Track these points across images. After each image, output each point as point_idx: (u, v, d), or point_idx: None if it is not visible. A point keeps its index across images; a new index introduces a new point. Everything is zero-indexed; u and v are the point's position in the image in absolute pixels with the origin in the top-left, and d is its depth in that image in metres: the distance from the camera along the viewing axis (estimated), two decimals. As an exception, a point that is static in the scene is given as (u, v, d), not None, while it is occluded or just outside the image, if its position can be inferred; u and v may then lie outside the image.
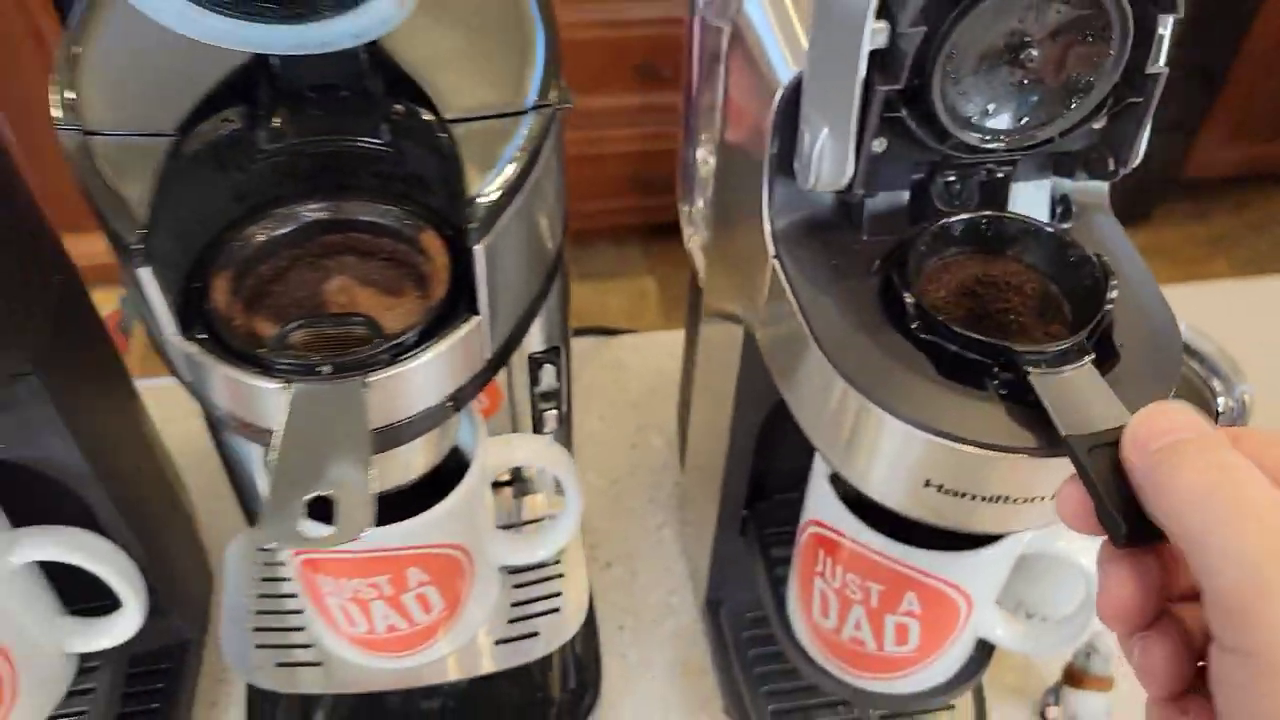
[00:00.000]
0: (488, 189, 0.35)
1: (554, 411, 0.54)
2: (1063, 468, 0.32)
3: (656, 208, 1.80)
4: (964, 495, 0.36)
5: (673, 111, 0.40)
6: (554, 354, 0.51)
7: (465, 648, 0.51)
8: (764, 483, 0.58)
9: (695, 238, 0.55)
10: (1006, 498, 0.36)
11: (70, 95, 0.36)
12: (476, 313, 0.37)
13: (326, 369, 0.34)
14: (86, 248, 0.49)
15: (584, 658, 0.59)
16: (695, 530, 0.65)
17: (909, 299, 0.36)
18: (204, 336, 0.35)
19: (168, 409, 0.63)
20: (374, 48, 0.39)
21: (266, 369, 0.34)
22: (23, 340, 0.43)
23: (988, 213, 0.39)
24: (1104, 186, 0.41)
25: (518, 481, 0.58)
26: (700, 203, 0.54)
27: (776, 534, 0.57)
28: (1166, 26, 0.34)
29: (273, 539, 0.30)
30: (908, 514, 0.39)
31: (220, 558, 0.66)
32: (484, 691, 0.58)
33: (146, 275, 0.34)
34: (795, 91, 0.38)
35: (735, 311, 0.47)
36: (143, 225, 0.33)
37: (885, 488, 0.38)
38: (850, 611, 0.47)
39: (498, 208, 0.35)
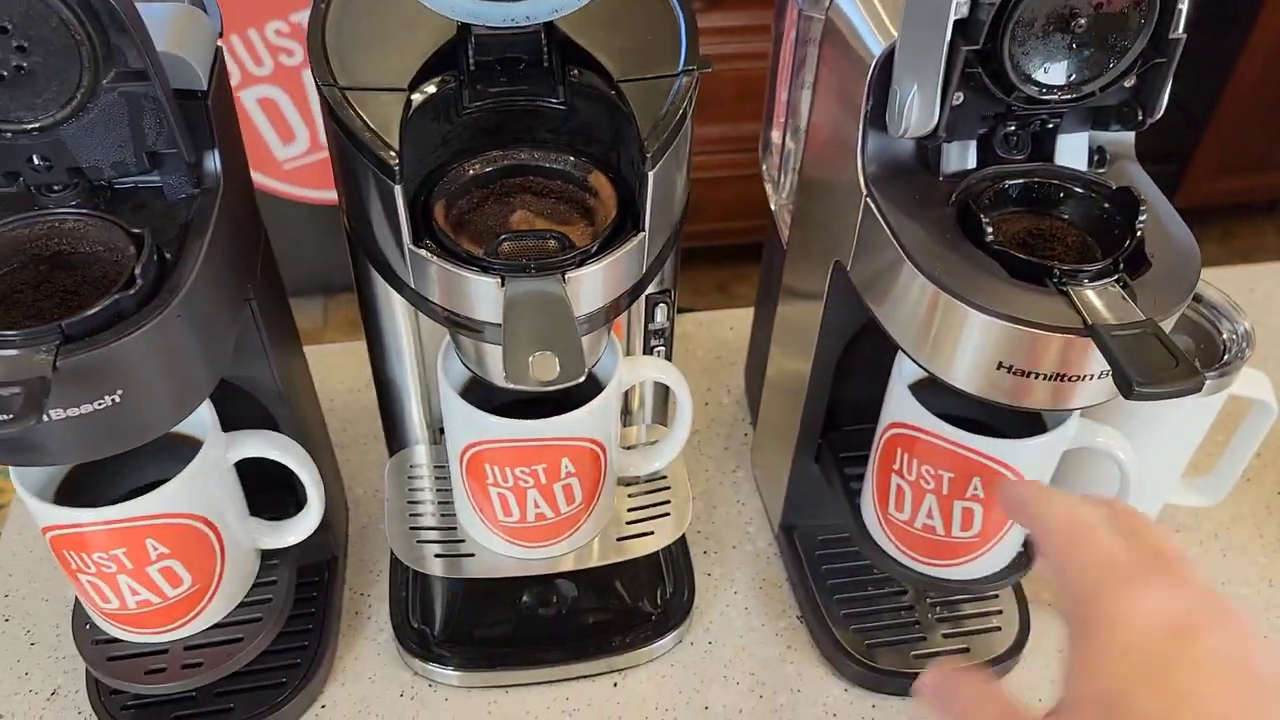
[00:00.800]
0: (657, 129, 0.45)
1: (662, 347, 0.63)
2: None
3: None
4: (1030, 374, 0.46)
5: (696, 143, 0.48)
6: (666, 295, 0.61)
7: (591, 543, 0.60)
8: (833, 416, 0.67)
9: (782, 204, 0.65)
10: (1062, 375, 0.46)
11: (324, 59, 0.46)
12: (641, 229, 0.46)
13: (533, 269, 0.44)
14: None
15: (679, 568, 0.68)
16: (769, 469, 0.74)
17: (985, 220, 0.46)
18: (432, 246, 0.45)
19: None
20: (550, 27, 0.49)
21: (485, 269, 0.44)
22: (249, 272, 0.53)
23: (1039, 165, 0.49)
24: (1130, 138, 0.51)
25: (623, 413, 0.67)
26: (788, 173, 0.63)
27: (846, 457, 0.66)
28: (1185, 1, 0.44)
29: (515, 383, 0.40)
30: (983, 396, 0.48)
31: (355, 493, 0.75)
32: (595, 595, 0.67)
33: (399, 192, 0.43)
34: (887, 60, 0.48)
35: (822, 256, 0.57)
36: (397, 153, 0.43)
37: (965, 375, 0.48)
38: (923, 501, 0.56)
39: (665, 143, 0.45)
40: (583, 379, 0.40)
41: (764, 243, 0.74)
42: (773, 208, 0.67)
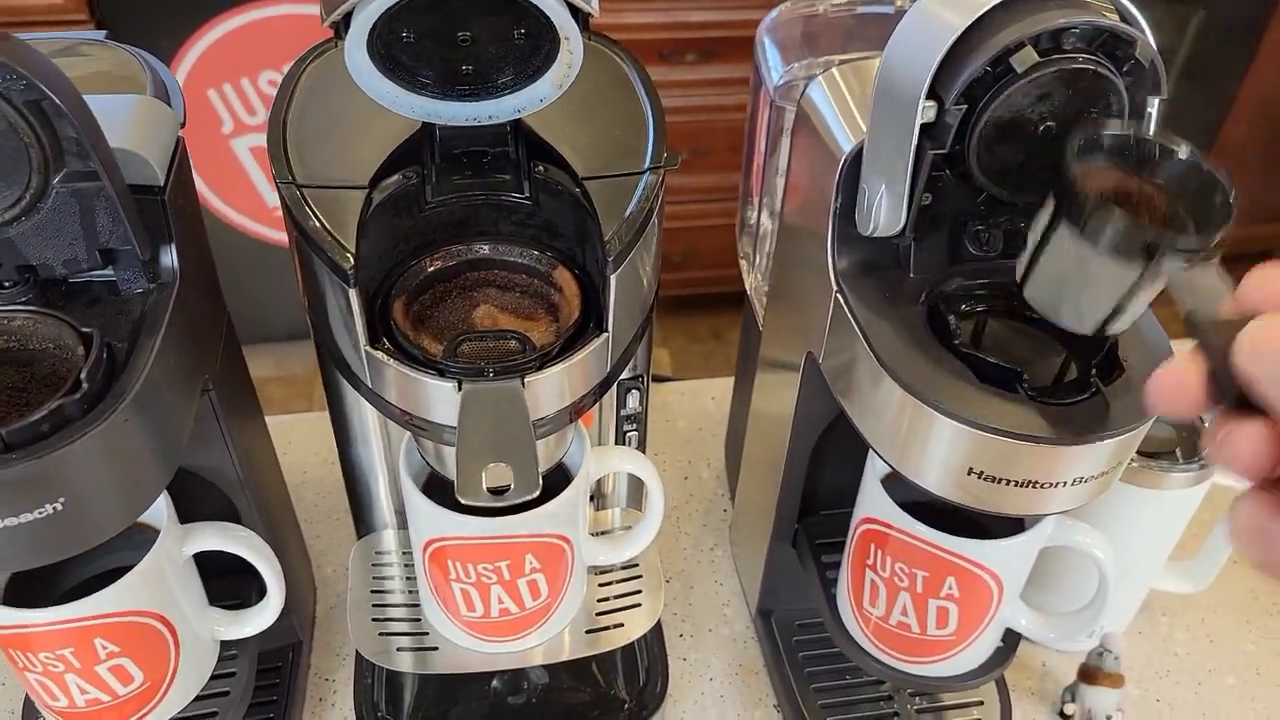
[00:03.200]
0: (621, 230, 0.44)
1: (635, 433, 0.62)
2: (1079, 458, 0.41)
3: (669, 282, 1.92)
4: (1000, 481, 0.45)
5: (688, 192, 0.48)
6: (639, 381, 0.60)
7: (561, 635, 0.58)
8: (810, 501, 0.66)
9: (757, 285, 0.64)
10: (1035, 482, 0.45)
11: (284, 157, 0.45)
12: (605, 330, 0.45)
13: (491, 373, 0.43)
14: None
15: (653, 655, 0.66)
16: (746, 550, 0.72)
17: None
18: (388, 347, 0.44)
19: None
20: (516, 121, 0.48)
21: (442, 373, 0.43)
22: (208, 362, 0.51)
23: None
24: (1105, 235, 0.51)
25: (595, 497, 0.66)
26: (763, 255, 0.63)
27: (823, 544, 0.65)
28: (1154, 106, 0.43)
29: (466, 499, 0.38)
30: (954, 500, 0.47)
31: (324, 571, 0.73)
32: (565, 684, 0.65)
33: (354, 295, 0.42)
34: (856, 158, 0.47)
35: (796, 342, 0.56)
36: (352, 255, 0.42)
37: (935, 478, 0.47)
38: (898, 598, 0.55)
39: (629, 245, 0.44)
40: (536, 493, 0.39)
41: (742, 319, 0.73)
42: (748, 288, 0.66)
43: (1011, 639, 0.59)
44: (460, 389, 0.42)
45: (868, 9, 0.61)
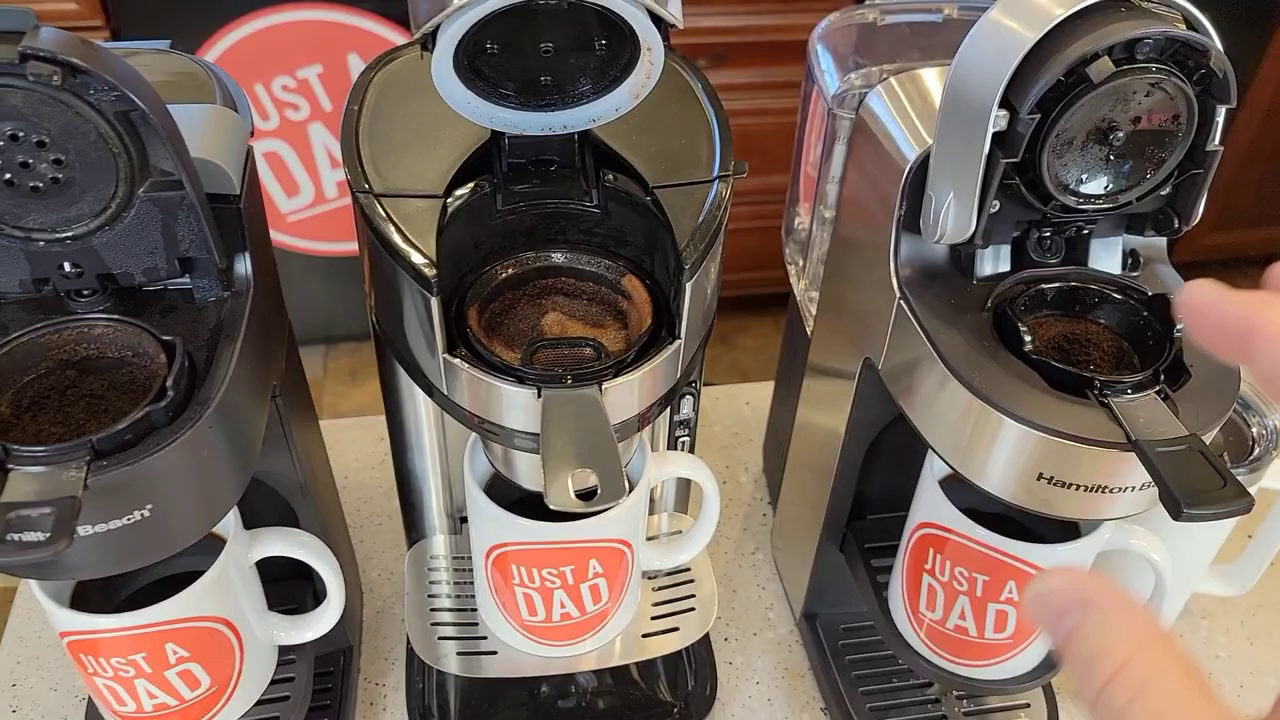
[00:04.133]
0: (695, 238, 0.45)
1: (686, 438, 0.62)
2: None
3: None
4: (1069, 485, 0.45)
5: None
6: (692, 386, 0.60)
7: (617, 640, 0.59)
8: (858, 505, 0.66)
9: (807, 290, 0.65)
10: (1102, 487, 0.45)
11: (359, 167, 0.46)
12: (678, 337, 0.46)
13: (569, 379, 0.43)
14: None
15: (700, 659, 0.67)
16: (791, 554, 0.73)
17: (1024, 328, 0.46)
18: (465, 353, 0.44)
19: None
20: (584, 132, 0.48)
21: (521, 379, 0.43)
22: (275, 369, 0.52)
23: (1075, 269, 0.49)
24: (1163, 242, 0.51)
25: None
26: (812, 260, 0.63)
27: (872, 548, 0.65)
28: (1220, 115, 0.44)
29: (555, 505, 0.39)
30: (1018, 504, 0.47)
31: (369, 576, 0.74)
32: (614, 688, 0.65)
33: (435, 303, 0.43)
34: (921, 166, 0.48)
35: (852, 348, 0.57)
36: (434, 264, 0.43)
37: (1000, 481, 0.47)
38: (956, 601, 0.55)
39: (703, 253, 0.44)
40: (624, 498, 0.39)
41: (785, 322, 0.74)
42: (796, 293, 0.67)
43: (1063, 642, 0.59)
44: (540, 395, 0.43)
45: (917, 17, 0.61)
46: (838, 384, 0.60)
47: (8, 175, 0.41)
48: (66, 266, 0.44)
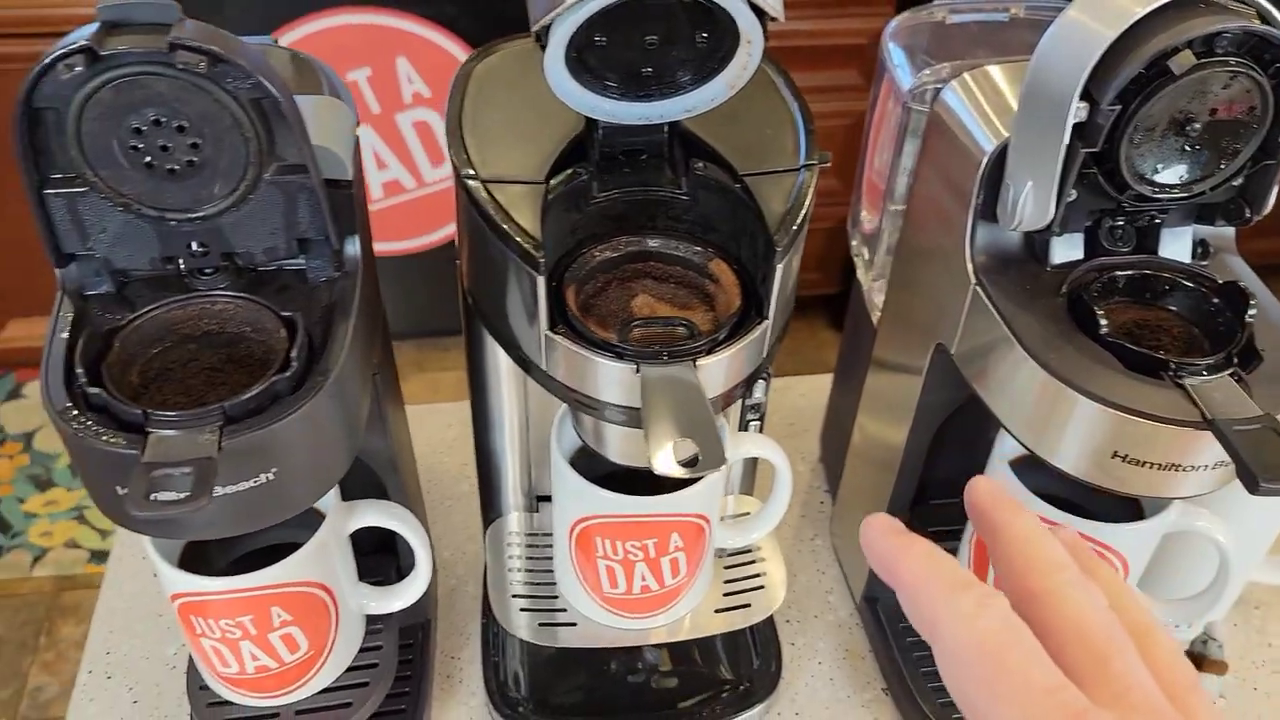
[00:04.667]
0: (786, 222, 0.47)
1: (756, 422, 0.65)
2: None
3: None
4: (1143, 464, 0.47)
5: None
6: (764, 372, 0.62)
7: (692, 613, 0.61)
8: (920, 491, 0.68)
9: (874, 281, 0.67)
10: (1176, 465, 0.47)
11: (465, 152, 0.48)
12: (766, 318, 0.48)
13: (665, 356, 0.46)
14: None
15: (765, 638, 0.69)
16: (851, 540, 0.75)
17: (1099, 312, 0.48)
18: (566, 330, 0.47)
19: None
20: (674, 123, 0.51)
21: (620, 355, 0.46)
22: (375, 347, 0.55)
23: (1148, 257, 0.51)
24: (1232, 232, 0.53)
25: (714, 485, 0.69)
26: (880, 252, 0.65)
27: (935, 532, 0.67)
28: (1296, 108, 0.46)
29: (661, 471, 0.41)
30: (1091, 481, 0.49)
31: (441, 555, 0.76)
32: (684, 664, 0.68)
33: (541, 283, 0.45)
34: (999, 157, 0.50)
35: (922, 335, 0.59)
36: (541, 245, 0.45)
37: (1074, 460, 0.49)
38: (1024, 580, 0.57)
39: (793, 236, 0.47)
40: (725, 466, 0.42)
41: (848, 313, 0.76)
42: (863, 284, 0.69)
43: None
44: (638, 371, 0.45)
45: (985, 16, 0.63)
46: (906, 370, 0.62)
47: (148, 158, 0.43)
48: (194, 246, 0.47)
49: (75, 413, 0.42)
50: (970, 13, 0.63)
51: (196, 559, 0.55)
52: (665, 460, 0.41)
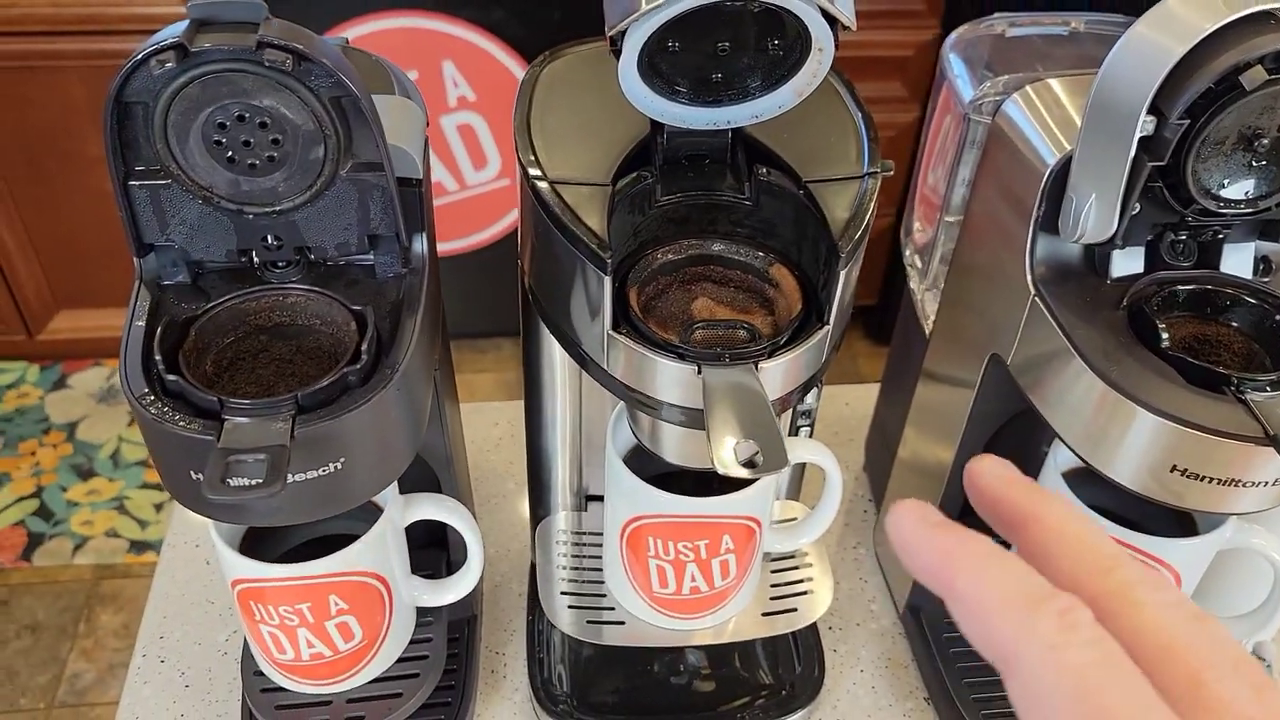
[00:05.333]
0: (850, 228, 0.47)
1: (807, 428, 0.65)
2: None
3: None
4: (1202, 478, 0.47)
5: None
6: (816, 379, 0.63)
7: (740, 616, 0.61)
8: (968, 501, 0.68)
9: (925, 288, 0.67)
10: (1235, 481, 0.47)
11: (533, 153, 0.49)
12: (827, 323, 0.48)
13: (727, 358, 0.46)
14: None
15: (809, 645, 0.69)
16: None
17: (1161, 325, 0.48)
18: (629, 330, 0.48)
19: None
20: (738, 129, 0.51)
21: (682, 356, 0.46)
22: (436, 347, 0.55)
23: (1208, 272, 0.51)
24: (1295, 250, 0.53)
25: (761, 490, 0.69)
26: (934, 262, 0.66)
27: (982, 543, 0.67)
28: (1363, 126, 0.46)
29: (723, 470, 0.42)
30: (1150, 495, 0.49)
31: (488, 552, 0.77)
32: (727, 667, 0.68)
33: (607, 283, 0.46)
34: (1062, 169, 0.50)
35: (977, 345, 0.59)
36: (608, 246, 0.46)
37: (1132, 473, 0.49)
38: (1074, 592, 0.57)
39: (857, 243, 0.47)
40: (787, 467, 0.42)
41: (897, 323, 0.76)
42: (915, 293, 0.69)
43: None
44: (699, 372, 0.46)
45: (1045, 30, 0.64)
46: (959, 380, 0.62)
47: (230, 153, 0.45)
48: (269, 239, 0.48)
49: (152, 398, 0.44)
50: (1030, 26, 0.63)
51: (253, 546, 0.57)
52: (728, 460, 0.42)
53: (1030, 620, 0.24)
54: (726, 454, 0.42)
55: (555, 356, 0.58)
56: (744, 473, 0.42)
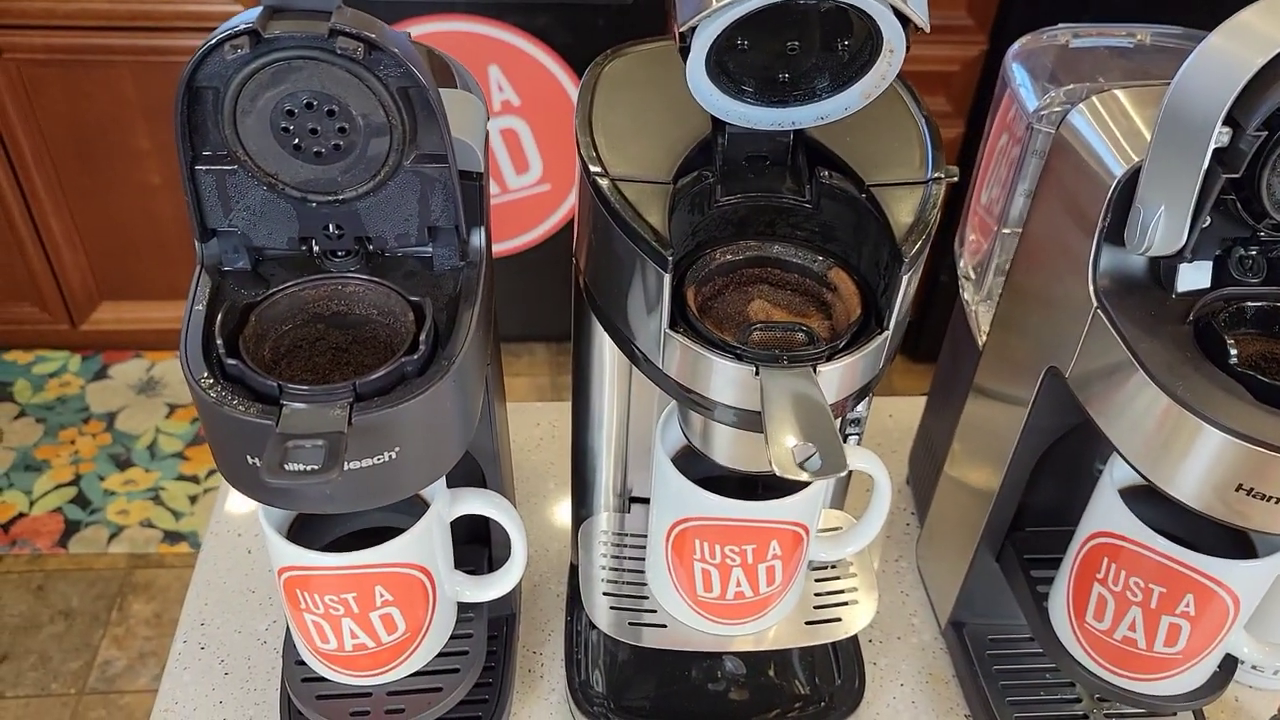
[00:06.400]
0: (913, 235, 0.47)
1: (857, 436, 0.64)
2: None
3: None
4: (1269, 498, 0.46)
5: None
6: (871, 386, 0.62)
7: (782, 624, 0.61)
8: (1018, 516, 0.67)
9: (980, 300, 0.66)
10: (1304, 502, 0.46)
11: (595, 151, 0.49)
12: (887, 328, 0.48)
13: (785, 360, 0.46)
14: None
15: (849, 657, 0.68)
16: (939, 563, 0.74)
17: (1229, 341, 0.47)
18: (687, 329, 0.47)
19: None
20: (799, 131, 0.51)
21: (740, 357, 0.46)
22: (489, 340, 0.55)
23: None
24: (1369, 269, 0.52)
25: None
26: (990, 272, 0.65)
27: (1030, 559, 0.66)
28: None
29: (782, 472, 0.41)
30: (1212, 514, 0.48)
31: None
32: (765, 678, 0.67)
33: (666, 281, 0.46)
34: (1130, 179, 0.49)
35: (1033, 357, 0.58)
36: (668, 243, 0.45)
37: (1194, 491, 0.48)
38: (1128, 612, 0.56)
39: (920, 248, 0.47)
40: (845, 471, 0.42)
41: (946, 336, 0.75)
42: (969, 305, 0.68)
43: (1228, 665, 0.59)
44: (757, 374, 0.45)
45: (1110, 42, 0.63)
46: (1013, 394, 0.61)
47: (297, 140, 0.45)
48: (330, 228, 0.48)
49: (212, 382, 0.44)
50: (1095, 37, 0.62)
51: (300, 535, 0.57)
52: (785, 461, 0.41)
53: None
54: (784, 455, 0.42)
55: (606, 355, 0.58)
56: (802, 475, 0.41)
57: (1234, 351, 0.47)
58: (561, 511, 0.81)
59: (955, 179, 0.50)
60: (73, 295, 2.05)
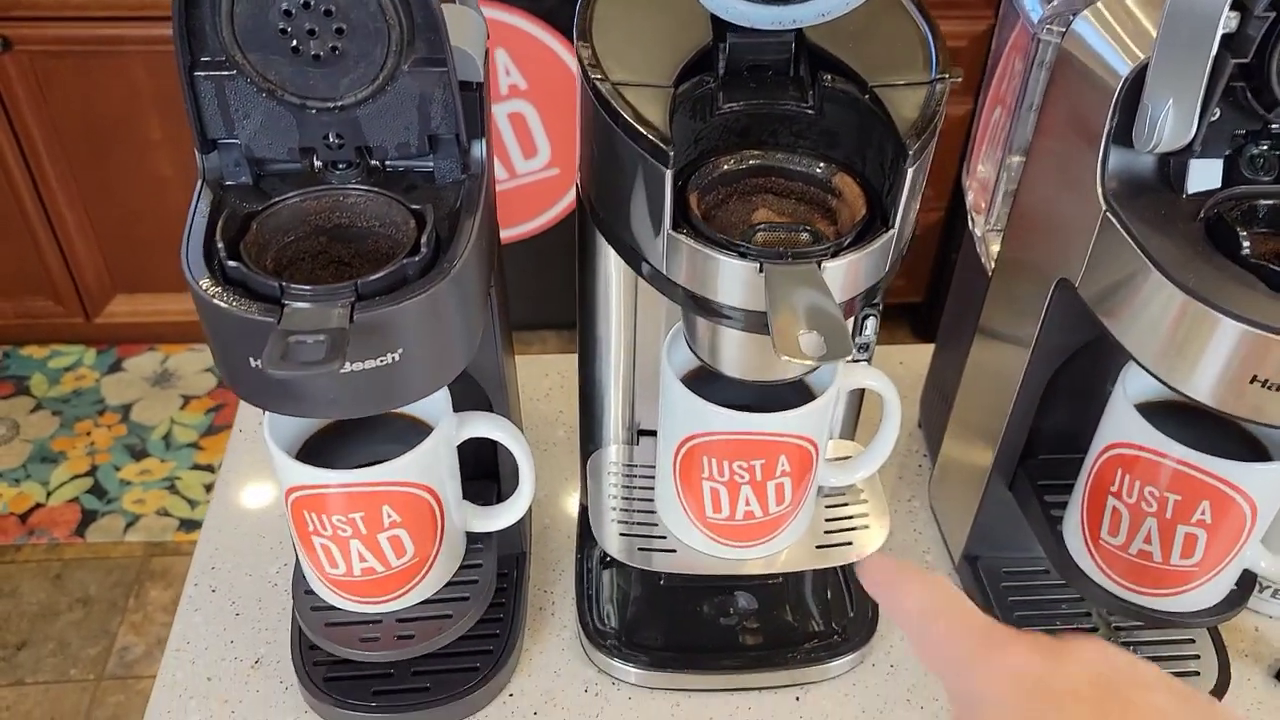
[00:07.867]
0: (915, 129, 0.46)
1: (865, 361, 0.64)
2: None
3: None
4: (1283, 389, 0.45)
5: None
6: (876, 307, 0.61)
7: (793, 548, 0.60)
8: (1029, 446, 0.66)
9: (987, 225, 0.66)
10: (1321, 392, 0.45)
11: (595, 56, 0.49)
12: (892, 227, 0.47)
13: (790, 256, 0.45)
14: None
15: (861, 589, 0.67)
16: (952, 500, 0.73)
17: (1242, 233, 0.46)
18: (688, 230, 0.47)
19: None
20: (799, 36, 0.51)
21: (744, 255, 0.46)
22: (492, 267, 0.55)
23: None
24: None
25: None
26: (999, 197, 0.64)
27: (1043, 485, 0.65)
28: None
29: (785, 354, 0.41)
30: (1227, 411, 0.47)
31: (537, 494, 0.77)
32: (778, 611, 0.67)
33: (668, 177, 0.45)
34: (1136, 78, 0.49)
35: (1043, 272, 0.57)
36: (669, 139, 0.45)
37: (1210, 388, 0.47)
38: (1143, 524, 0.55)
39: (924, 142, 0.46)
40: (851, 356, 0.41)
41: (954, 273, 0.75)
42: (976, 233, 0.68)
43: (1246, 582, 0.59)
44: (761, 270, 0.45)
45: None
46: (1023, 312, 0.61)
47: (294, 42, 0.45)
48: (331, 137, 0.48)
49: (213, 284, 0.44)
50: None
51: (315, 463, 0.56)
52: (790, 346, 0.41)
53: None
54: (788, 341, 0.41)
55: (611, 275, 0.58)
56: (808, 360, 0.41)
57: (1247, 244, 0.46)
58: (571, 458, 0.80)
59: (960, 79, 0.50)
60: (87, 289, 2.06)
